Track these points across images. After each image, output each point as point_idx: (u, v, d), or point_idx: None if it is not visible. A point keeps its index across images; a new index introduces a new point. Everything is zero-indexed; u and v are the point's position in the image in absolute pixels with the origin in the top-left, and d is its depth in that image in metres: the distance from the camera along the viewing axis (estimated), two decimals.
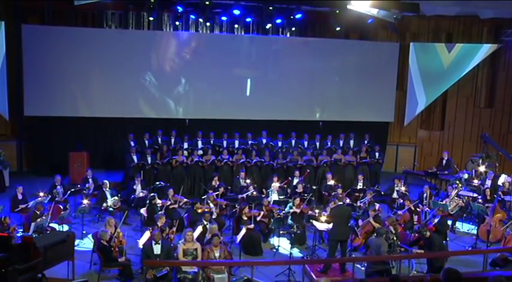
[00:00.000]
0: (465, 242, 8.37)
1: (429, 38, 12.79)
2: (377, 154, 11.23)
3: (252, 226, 7.69)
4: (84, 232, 7.94)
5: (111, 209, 8.61)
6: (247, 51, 11.99)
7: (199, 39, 11.89)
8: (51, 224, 7.48)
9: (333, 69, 12.33)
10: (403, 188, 9.39)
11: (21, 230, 7.39)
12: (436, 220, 7.65)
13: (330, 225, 7.18)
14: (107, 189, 8.94)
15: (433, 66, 12.27)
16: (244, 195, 8.94)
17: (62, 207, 8.26)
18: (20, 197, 8.30)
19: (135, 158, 10.22)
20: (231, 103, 11.90)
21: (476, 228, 8.47)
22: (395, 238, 6.72)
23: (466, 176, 10.31)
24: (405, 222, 8.07)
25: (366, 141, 11.66)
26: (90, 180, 9.37)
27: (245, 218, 7.90)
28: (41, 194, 8.26)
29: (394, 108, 12.78)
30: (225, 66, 11.76)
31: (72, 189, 8.76)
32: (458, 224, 9.05)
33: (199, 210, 8.05)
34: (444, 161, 11.14)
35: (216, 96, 11.77)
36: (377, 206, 8.34)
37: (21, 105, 11.03)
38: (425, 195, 9.14)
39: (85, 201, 8.29)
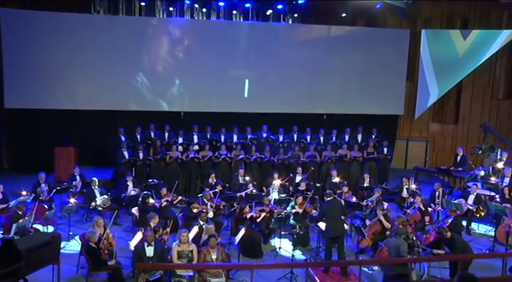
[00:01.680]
0: (482, 244, 8.30)
1: (443, 24, 12.66)
2: (385, 149, 11.20)
3: (252, 215, 7.59)
4: (70, 233, 7.89)
5: (100, 208, 8.60)
6: (246, 39, 11.91)
7: (195, 26, 11.81)
8: (34, 225, 7.41)
9: (338, 59, 12.27)
10: (413, 186, 9.36)
11: (1, 231, 7.36)
12: (449, 220, 7.60)
13: (323, 226, 7.16)
14: (96, 187, 8.91)
15: (446, 55, 12.12)
16: (243, 194, 8.94)
17: (46, 207, 8.20)
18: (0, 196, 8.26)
19: (126, 153, 10.20)
20: (229, 95, 11.86)
21: (494, 229, 8.39)
22: (414, 238, 6.66)
23: (482, 173, 10.22)
24: (416, 223, 8.03)
25: (373, 136, 11.64)
26: (78, 177, 9.35)
27: (246, 216, 7.88)
28: (24, 192, 8.22)
29: (404, 100, 12.74)
30: (222, 55, 11.69)
31: (58, 188, 8.71)
32: (474, 225, 9.00)
33: (195, 210, 8.02)
34: (459, 157, 11.04)
35: (213, 87, 11.72)
36: (385, 205, 8.31)
37: (0, 96, 10.94)
38: (437, 193, 9.10)
39: (72, 200, 8.26)
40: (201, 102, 11.78)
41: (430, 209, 8.54)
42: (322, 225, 7.49)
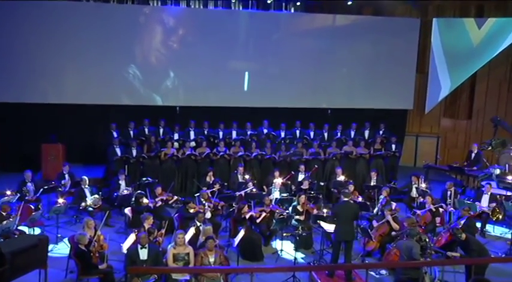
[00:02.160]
0: (497, 247, 8.23)
1: (456, 12, 12.57)
2: (393, 146, 11.18)
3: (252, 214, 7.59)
4: (59, 235, 7.87)
5: (90, 208, 8.57)
6: (245, 29, 11.86)
7: (191, 15, 11.75)
8: (19, 227, 7.37)
9: (343, 50, 12.23)
10: (423, 185, 9.34)
11: None
12: (462, 222, 7.57)
13: (332, 227, 7.14)
14: (86, 186, 8.88)
15: (459, 45, 11.98)
16: (243, 193, 8.92)
17: (32, 208, 8.18)
18: None
19: (118, 150, 10.17)
20: (228, 88, 11.83)
21: (511, 232, 8.36)
22: (427, 239, 6.62)
23: (497, 171, 10.18)
24: (426, 224, 8.01)
25: (380, 132, 11.63)
26: (67, 176, 9.31)
27: (245, 217, 7.87)
28: (8, 192, 8.18)
29: (413, 94, 12.70)
30: (220, 46, 11.64)
31: (45, 187, 8.68)
32: (488, 227, 8.95)
33: (192, 210, 8.05)
34: (473, 155, 10.96)
35: (211, 80, 11.68)
36: (394, 205, 8.28)
37: None
38: (449, 193, 9.07)
39: (60, 200, 8.24)
40: (198, 96, 11.75)
41: (441, 210, 8.51)
42: (326, 226, 7.48)
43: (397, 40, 12.24)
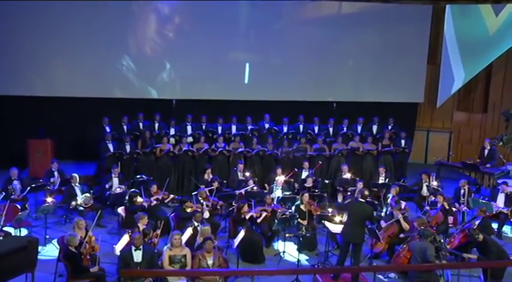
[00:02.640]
0: None
1: None
2: (403, 142, 11.17)
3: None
4: (47, 237, 7.86)
5: (81, 208, 8.57)
6: (246, 18, 11.81)
7: (188, 2, 11.65)
8: (5, 228, 7.34)
9: (350, 40, 12.17)
10: (434, 183, 9.32)
11: None
12: (477, 222, 7.55)
13: (337, 227, 7.14)
14: (76, 184, 8.87)
15: (475, 34, 11.81)
16: (243, 191, 8.92)
17: (19, 207, 8.13)
18: None
19: (110, 146, 10.16)
20: (227, 81, 11.80)
21: None
22: (442, 240, 6.59)
23: None
24: (438, 225, 7.98)
25: (389, 127, 11.61)
26: (56, 173, 9.31)
27: (245, 216, 7.88)
28: None
29: (424, 86, 12.64)
30: (219, 35, 11.58)
31: (33, 185, 8.66)
32: (506, 228, 8.91)
33: (189, 209, 8.07)
34: (486, 151, 10.94)
35: (209, 72, 11.64)
36: (403, 204, 8.29)
37: None
38: (462, 191, 9.06)
39: (49, 199, 8.21)
40: (195, 89, 11.72)
41: (454, 209, 8.50)
42: (331, 226, 7.47)
43: (407, 29, 12.18)
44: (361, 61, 12.29)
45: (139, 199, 8.31)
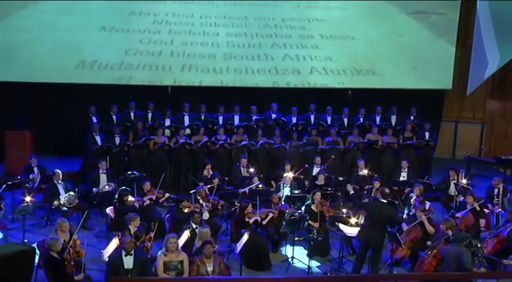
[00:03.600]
0: None
1: None
2: (427, 134, 11.12)
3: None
4: (25, 241, 7.81)
5: (64, 208, 8.54)
6: None
7: None
8: None
9: (365, 16, 12.09)
10: (464, 181, 9.28)
11: None
12: None
13: (353, 230, 7.11)
14: (59, 181, 8.87)
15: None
16: (247, 189, 8.92)
17: None
18: None
19: (98, 138, 10.17)
20: (229, 63, 11.74)
21: None
22: (479, 244, 6.54)
23: None
24: (467, 228, 7.92)
25: (412, 117, 11.57)
26: (36, 169, 9.31)
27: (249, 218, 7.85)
28: None
29: (452, 71, 12.53)
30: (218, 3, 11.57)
31: (9, 182, 8.63)
32: None
33: (186, 210, 8.06)
34: None
35: (208, 50, 11.60)
36: (427, 204, 8.23)
37: None
38: (496, 191, 8.99)
39: (28, 198, 8.21)
40: (194, 74, 11.69)
41: (486, 211, 8.46)
42: (346, 228, 7.46)
43: (433, 4, 12.04)
44: (379, 41, 12.22)
45: (130, 198, 8.30)
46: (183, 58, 11.73)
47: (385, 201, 7.10)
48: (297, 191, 9.13)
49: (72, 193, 8.67)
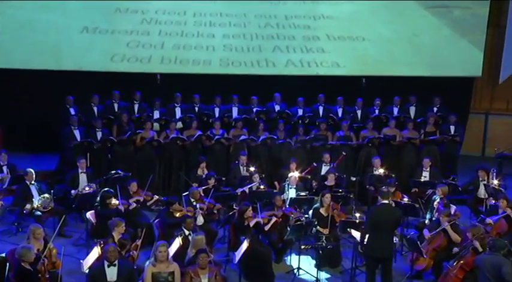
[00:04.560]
0: None
1: None
2: (452, 128, 11.11)
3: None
4: None
5: (38, 212, 8.55)
6: None
7: None
8: None
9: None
10: (495, 182, 9.26)
11: None
12: None
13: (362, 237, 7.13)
14: (32, 182, 8.88)
15: None
16: (246, 188, 8.95)
17: None
18: None
19: (77, 133, 10.17)
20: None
21: None
22: None
23: None
24: (499, 236, 7.85)
25: (435, 108, 11.57)
26: (4, 168, 9.36)
27: (250, 223, 7.85)
28: None
29: (482, 56, 12.50)
30: None
31: None
32: None
33: (178, 214, 8.09)
34: None
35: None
36: (453, 208, 8.23)
37: None
38: None
39: None
40: (186, 60, 11.73)
41: None
42: (358, 235, 7.43)
43: None
44: (397, 23, 12.21)
45: (114, 201, 8.28)
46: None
47: (387, 201, 7.04)
48: (303, 193, 9.12)
49: (47, 195, 8.66)
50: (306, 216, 8.23)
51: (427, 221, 8.39)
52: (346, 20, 12.29)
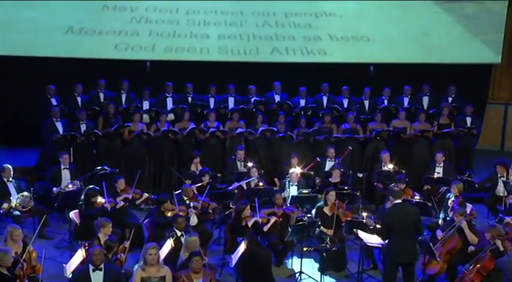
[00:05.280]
0: None
1: None
2: (469, 120, 11.13)
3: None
4: None
5: (16, 212, 8.55)
6: None
7: None
8: None
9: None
10: None
11: None
12: None
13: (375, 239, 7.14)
14: (10, 179, 8.87)
15: None
16: (243, 183, 9.01)
17: None
18: None
19: (59, 125, 10.18)
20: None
21: None
22: None
23: None
24: None
25: (449, 99, 11.59)
26: None
27: (248, 223, 7.86)
28: None
29: (502, 40, 12.47)
30: None
31: None
32: None
33: (170, 213, 8.11)
34: None
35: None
36: (469, 207, 8.21)
37: None
38: None
39: None
40: (178, 46, 11.74)
41: None
42: (366, 236, 7.47)
43: None
44: (408, 4, 12.17)
45: (99, 199, 8.30)
46: (165, 27, 11.82)
47: (400, 200, 7.05)
48: (305, 191, 9.14)
49: (26, 193, 8.64)
50: (309, 215, 8.25)
51: (440, 221, 8.40)
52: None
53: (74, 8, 11.49)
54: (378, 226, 7.41)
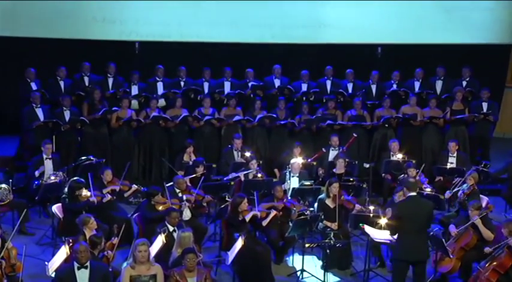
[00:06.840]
0: None
1: None
2: (485, 105, 11.09)
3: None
4: None
5: None
6: None
7: None
8: None
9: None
10: None
11: None
12: None
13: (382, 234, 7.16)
14: None
15: None
16: (241, 174, 9.02)
17: None
18: None
19: (40, 112, 10.17)
20: (216, 11, 11.74)
21: None
22: None
23: None
24: None
25: (464, 82, 11.58)
26: None
27: (245, 218, 7.85)
28: None
29: None
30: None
31: None
32: None
33: (161, 207, 8.13)
34: None
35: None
36: (485, 200, 8.27)
37: None
38: None
39: None
40: (169, 25, 11.73)
41: None
42: (373, 232, 7.48)
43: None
44: None
45: (84, 192, 8.30)
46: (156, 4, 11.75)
47: (415, 193, 7.02)
48: (307, 182, 9.17)
49: (4, 186, 8.63)
50: (311, 209, 8.28)
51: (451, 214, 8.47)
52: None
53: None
54: (386, 220, 7.43)
